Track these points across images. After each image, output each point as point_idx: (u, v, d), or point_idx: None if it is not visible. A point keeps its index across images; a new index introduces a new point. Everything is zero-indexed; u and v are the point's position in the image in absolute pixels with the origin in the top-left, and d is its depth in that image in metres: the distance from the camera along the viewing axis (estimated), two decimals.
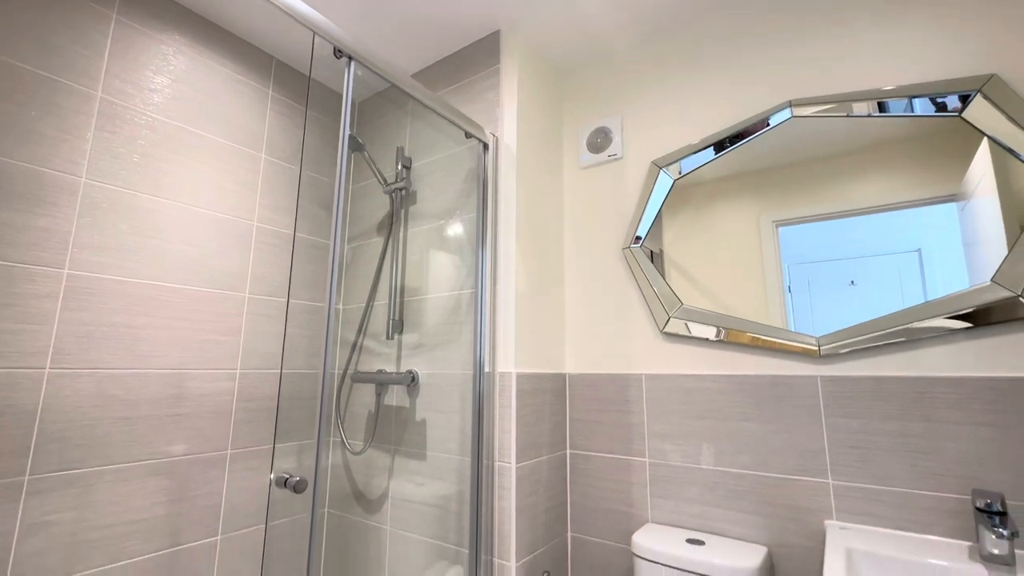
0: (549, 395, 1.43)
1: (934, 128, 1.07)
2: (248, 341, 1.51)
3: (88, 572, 1.15)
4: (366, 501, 1.58)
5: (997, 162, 1.00)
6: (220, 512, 1.39)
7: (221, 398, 1.43)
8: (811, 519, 1.11)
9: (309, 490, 0.86)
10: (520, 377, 1.32)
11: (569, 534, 1.45)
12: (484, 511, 1.26)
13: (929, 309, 1.03)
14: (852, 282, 1.13)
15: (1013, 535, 0.81)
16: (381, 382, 1.55)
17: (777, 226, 1.24)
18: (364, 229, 1.80)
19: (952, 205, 1.04)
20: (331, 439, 1.72)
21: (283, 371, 1.59)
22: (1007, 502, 0.91)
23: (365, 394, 1.66)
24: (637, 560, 1.16)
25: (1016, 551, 0.90)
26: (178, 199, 1.38)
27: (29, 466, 1.09)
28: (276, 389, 1.56)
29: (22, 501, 1.07)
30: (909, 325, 1.04)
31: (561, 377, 1.51)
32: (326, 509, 1.69)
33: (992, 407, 0.96)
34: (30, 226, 1.12)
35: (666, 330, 1.35)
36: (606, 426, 1.43)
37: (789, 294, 1.19)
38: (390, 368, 1.58)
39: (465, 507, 1.32)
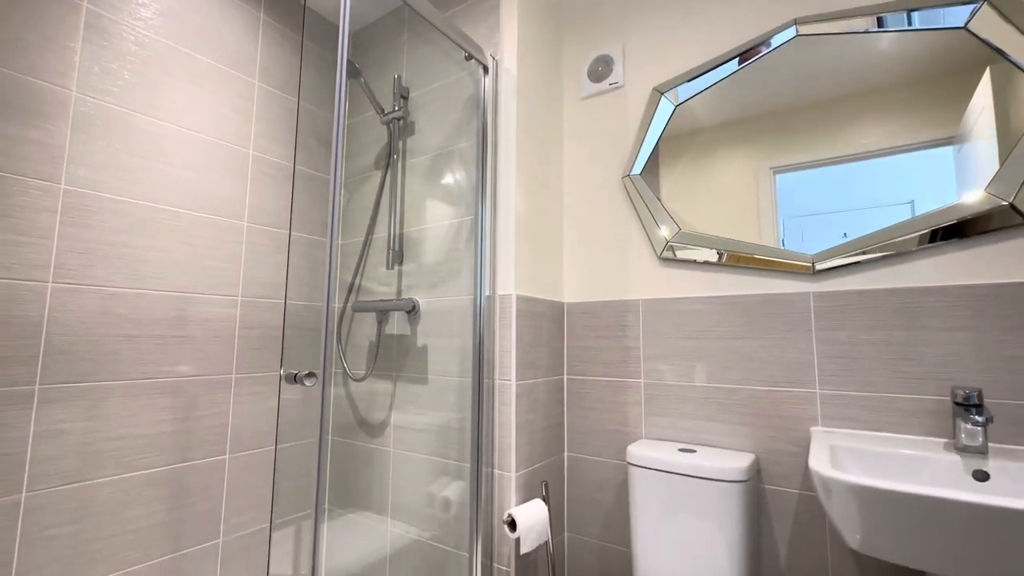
0: (547, 320, 1.47)
1: (936, 60, 1.06)
2: (248, 270, 1.51)
3: (101, 480, 1.19)
4: (369, 427, 1.63)
5: (998, 86, 1.01)
6: (227, 432, 1.43)
7: (223, 324, 1.44)
8: (797, 427, 1.17)
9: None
10: (520, 299, 1.35)
11: (566, 454, 1.51)
12: (485, 426, 1.31)
13: (921, 222, 1.06)
14: (845, 235, 1.15)
15: (988, 421, 0.86)
16: (382, 310, 1.57)
17: (775, 172, 1.25)
18: (362, 162, 1.79)
19: (948, 149, 1.05)
20: (334, 370, 1.76)
21: (287, 302, 1.60)
22: (983, 397, 0.96)
23: (366, 325, 1.68)
24: (631, 468, 1.22)
25: (989, 444, 0.96)
26: (173, 121, 1.35)
27: (39, 375, 1.10)
28: (277, 319, 1.58)
29: (34, 409, 1.10)
30: (900, 238, 1.07)
31: (559, 306, 1.54)
32: (330, 436, 1.74)
33: (974, 312, 1.00)
34: (23, 138, 1.10)
35: (664, 255, 1.38)
36: (603, 351, 1.48)
37: (783, 248, 1.22)
38: (391, 298, 1.60)
39: (466, 425, 1.37)
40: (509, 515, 1.20)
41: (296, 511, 1.62)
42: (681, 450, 1.22)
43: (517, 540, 1.23)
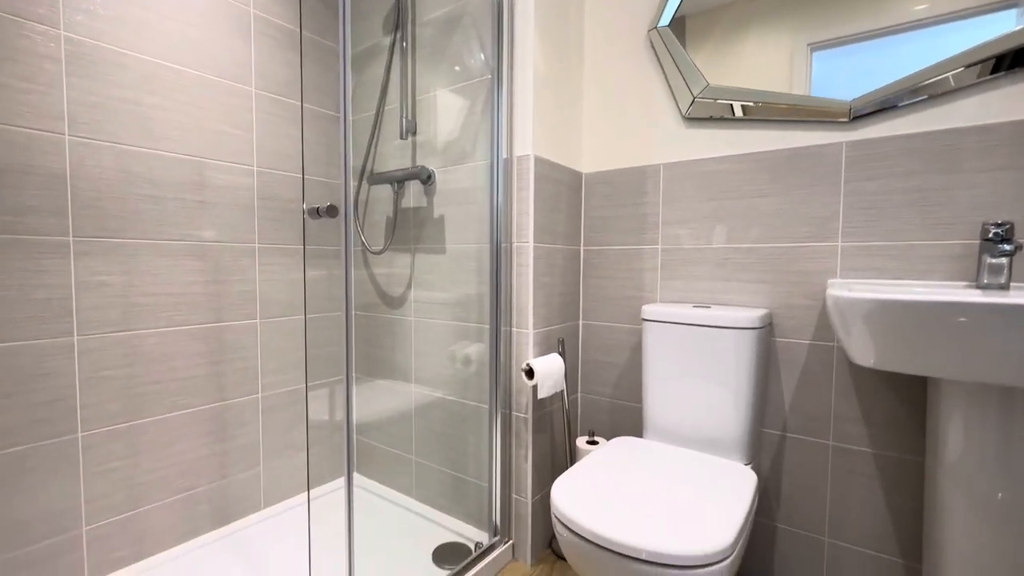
0: (565, 188, 1.44)
1: None
2: (261, 139, 1.49)
3: (144, 331, 1.26)
4: (390, 299, 1.68)
5: None
6: (256, 298, 1.50)
7: (241, 192, 1.45)
8: (814, 280, 1.17)
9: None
10: (538, 161, 1.31)
11: (581, 321, 1.56)
12: (503, 287, 1.34)
13: (967, 57, 0.97)
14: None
15: (1016, 249, 0.85)
16: (398, 179, 1.55)
17: (812, 49, 1.13)
18: (370, 25, 1.68)
19: (1011, 12, 0.92)
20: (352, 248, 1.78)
21: (304, 176, 1.59)
22: (1015, 231, 0.93)
23: (382, 199, 1.68)
24: (646, 325, 1.26)
25: (1012, 283, 0.95)
26: None
27: (71, 228, 1.14)
28: (294, 192, 1.58)
29: (72, 259, 1.14)
30: (944, 76, 0.99)
31: (578, 175, 1.50)
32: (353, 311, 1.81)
33: (1019, 150, 0.95)
34: None
35: (689, 114, 1.31)
36: (620, 219, 1.46)
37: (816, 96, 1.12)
38: (406, 167, 1.58)
39: (484, 290, 1.40)
40: (527, 364, 1.27)
41: (327, 376, 1.74)
42: (695, 306, 1.24)
43: (534, 387, 1.31)
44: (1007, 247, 0.86)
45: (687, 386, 1.19)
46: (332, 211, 0.87)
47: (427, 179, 1.51)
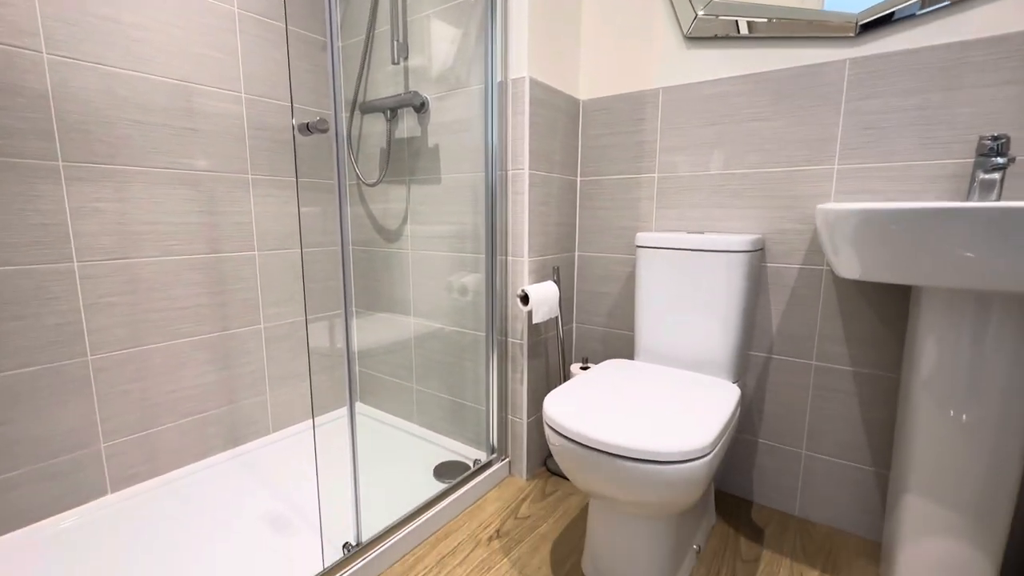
0: (562, 115, 1.41)
1: None
2: (248, 65, 1.44)
3: (143, 259, 1.28)
4: (387, 232, 1.69)
5: None
6: (253, 230, 1.50)
7: (231, 121, 1.42)
8: (807, 204, 1.17)
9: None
10: (534, 84, 1.28)
11: (576, 253, 1.57)
12: (498, 215, 1.34)
13: None
14: None
15: (1009, 162, 0.85)
16: (391, 107, 1.51)
17: None
18: None
19: None
20: (347, 182, 1.77)
21: (293, 105, 1.55)
22: (1010, 146, 0.93)
23: (375, 129, 1.64)
24: (640, 251, 1.27)
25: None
26: None
27: (59, 152, 1.12)
28: (285, 122, 1.54)
29: (63, 184, 1.14)
30: None
31: (575, 102, 1.47)
32: (351, 247, 1.82)
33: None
34: None
35: (690, 33, 1.26)
36: (617, 148, 1.44)
37: (824, 9, 1.07)
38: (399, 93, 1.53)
39: (480, 218, 1.41)
40: (522, 290, 1.29)
41: (327, 310, 1.77)
42: (689, 232, 1.25)
43: (529, 313, 1.34)
44: (1000, 160, 0.86)
45: (678, 310, 1.22)
46: (322, 125, 0.86)
47: (420, 107, 1.47)
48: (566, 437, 0.89)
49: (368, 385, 1.87)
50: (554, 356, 1.53)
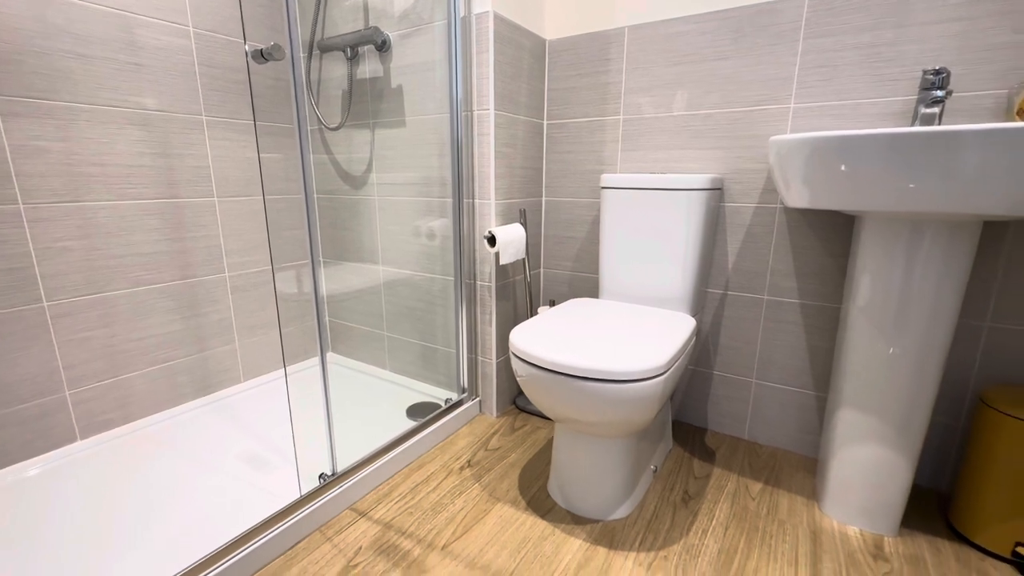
0: (527, 54, 1.39)
1: None
2: None
3: (96, 203, 1.23)
4: (352, 179, 1.66)
5: None
6: (211, 175, 1.45)
7: (179, 56, 1.34)
8: (765, 144, 1.21)
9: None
10: (498, 19, 1.25)
11: (544, 198, 1.59)
12: (464, 157, 1.34)
13: None
14: None
15: (948, 95, 0.90)
16: (350, 44, 1.46)
17: None
18: None
19: None
20: (309, 128, 1.71)
21: (244, 28, 1.47)
22: (950, 80, 0.98)
23: (336, 72, 1.58)
24: (604, 192, 1.29)
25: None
26: None
27: None
28: (239, 61, 1.47)
29: (0, 121, 1.07)
30: None
31: (541, 42, 1.44)
32: (315, 195, 1.79)
33: (970, 0, 0.96)
34: None
35: None
36: (583, 90, 1.44)
37: None
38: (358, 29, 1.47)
39: (446, 161, 1.40)
40: (489, 232, 1.31)
41: (294, 259, 1.75)
42: (652, 173, 1.28)
43: (496, 255, 1.36)
44: (939, 93, 0.90)
45: (640, 249, 1.26)
46: (277, 51, 0.83)
47: (382, 45, 1.42)
48: (531, 364, 0.94)
49: (339, 335, 1.88)
50: (522, 298, 1.57)
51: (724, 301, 1.34)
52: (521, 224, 1.40)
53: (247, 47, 0.96)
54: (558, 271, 1.62)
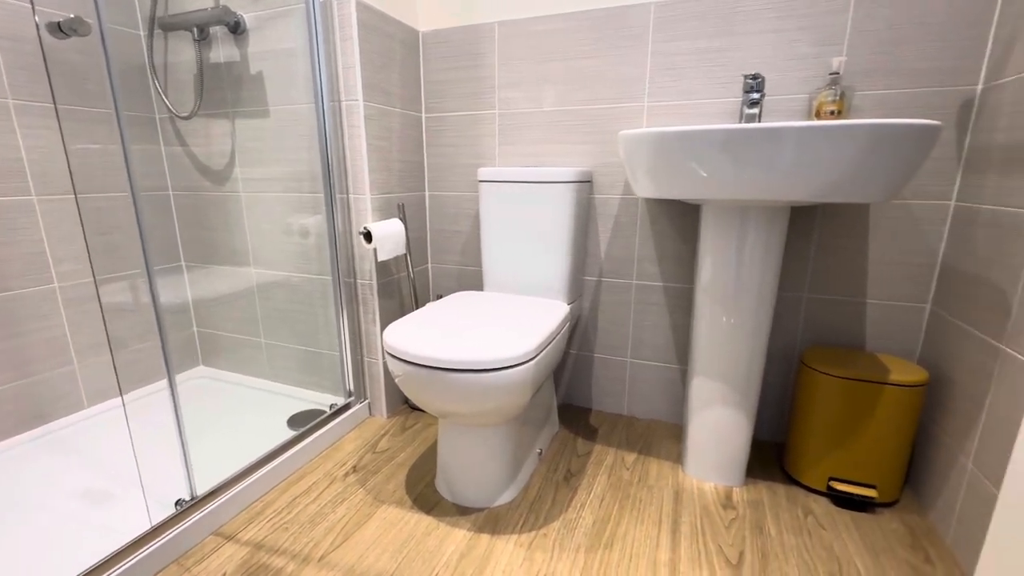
0: (399, 44, 1.35)
1: None
2: None
3: None
4: (213, 173, 1.51)
5: None
6: (25, 169, 1.24)
7: None
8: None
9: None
10: (361, 6, 1.20)
11: (427, 192, 1.56)
12: (334, 150, 1.27)
13: None
14: None
15: (762, 96, 1.03)
16: (198, 24, 1.32)
17: None
18: None
19: None
20: (155, 116, 1.53)
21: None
22: (765, 85, 1.12)
23: (185, 55, 1.42)
24: (482, 186, 1.31)
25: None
26: None
27: None
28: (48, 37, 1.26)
29: None
30: None
31: (413, 33, 1.41)
32: (169, 192, 1.60)
33: (783, 15, 1.10)
34: None
35: None
36: (459, 83, 1.44)
37: None
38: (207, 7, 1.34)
39: (316, 153, 1.32)
40: (365, 227, 1.26)
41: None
42: (526, 168, 1.31)
43: (374, 251, 1.32)
44: (756, 96, 1.03)
45: (518, 240, 1.30)
46: (80, 26, 0.72)
47: (236, 27, 1.30)
48: (404, 360, 0.92)
49: (211, 345, 1.71)
50: (409, 296, 1.54)
51: (600, 287, 1.42)
52: (400, 219, 1.37)
53: (37, 18, 0.82)
54: (446, 265, 1.61)
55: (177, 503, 0.96)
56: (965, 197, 1.02)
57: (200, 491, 0.99)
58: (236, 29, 1.31)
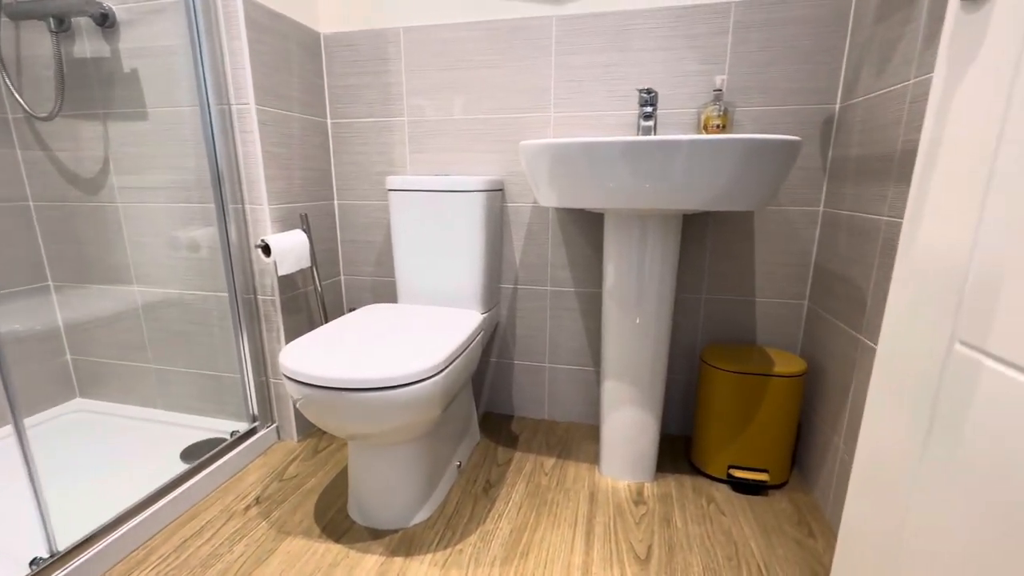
0: (297, 46, 1.28)
1: None
2: None
3: None
4: (84, 181, 1.34)
5: None
6: None
7: None
8: None
9: None
10: (250, 4, 1.12)
11: (336, 201, 1.50)
12: (224, 156, 1.18)
13: None
14: None
15: (655, 110, 1.08)
16: (55, 13, 1.17)
17: None
18: None
19: None
20: (8, 116, 1.33)
21: None
22: (658, 100, 1.19)
23: (41, 46, 1.26)
24: (392, 195, 1.27)
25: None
26: None
27: None
28: None
29: None
30: None
31: (314, 35, 1.35)
32: (29, 202, 1.40)
33: (669, 32, 1.17)
34: None
35: None
36: (366, 89, 1.39)
37: None
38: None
39: (204, 160, 1.21)
40: (262, 240, 1.18)
41: (11, 286, 1.35)
42: (436, 175, 1.29)
43: (274, 264, 1.24)
44: (649, 109, 1.08)
45: (430, 250, 1.27)
46: None
47: (103, 20, 1.17)
48: (303, 383, 0.86)
49: (90, 374, 1.52)
50: (317, 310, 1.46)
51: (516, 294, 1.43)
52: (304, 230, 1.29)
53: None
54: (360, 277, 1.54)
55: (32, 562, 0.84)
56: (830, 203, 1.14)
57: (62, 546, 0.87)
58: (104, 22, 1.17)
